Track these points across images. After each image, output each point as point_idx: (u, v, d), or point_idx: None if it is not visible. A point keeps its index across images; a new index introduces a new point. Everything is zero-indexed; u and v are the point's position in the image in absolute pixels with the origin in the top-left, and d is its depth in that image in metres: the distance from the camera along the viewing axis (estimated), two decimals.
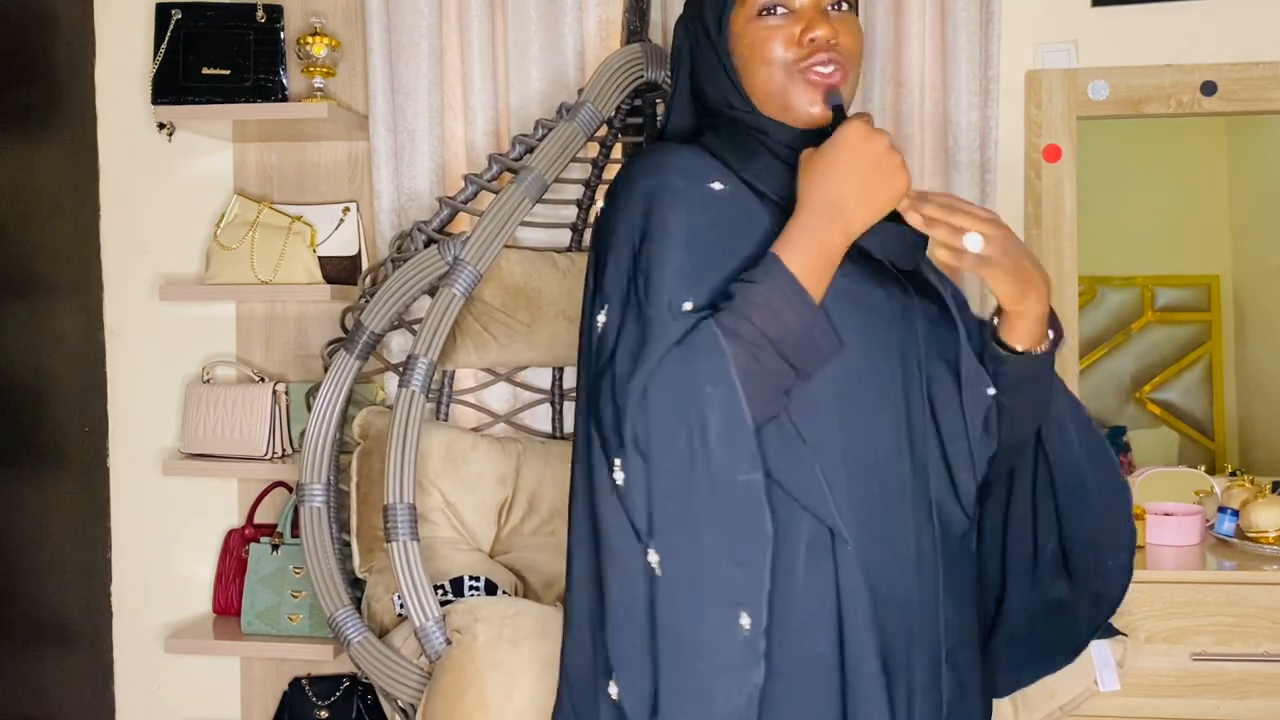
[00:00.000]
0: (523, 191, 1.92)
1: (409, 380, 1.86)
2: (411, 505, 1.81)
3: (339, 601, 1.92)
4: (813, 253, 1.27)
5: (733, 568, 1.21)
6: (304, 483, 1.96)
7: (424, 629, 1.76)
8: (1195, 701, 1.89)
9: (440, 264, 1.94)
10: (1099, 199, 2.35)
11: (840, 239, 1.28)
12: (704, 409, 1.20)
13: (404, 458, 1.82)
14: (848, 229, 1.28)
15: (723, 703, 1.20)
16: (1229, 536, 2.08)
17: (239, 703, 2.51)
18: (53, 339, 2.37)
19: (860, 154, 1.28)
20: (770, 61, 1.37)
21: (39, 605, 2.31)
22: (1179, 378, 2.54)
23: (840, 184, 1.28)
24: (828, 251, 1.27)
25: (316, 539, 1.96)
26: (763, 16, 1.38)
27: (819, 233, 1.27)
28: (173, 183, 2.50)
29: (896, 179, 1.29)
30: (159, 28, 2.32)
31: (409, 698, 1.82)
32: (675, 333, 1.23)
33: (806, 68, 1.36)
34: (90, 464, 2.48)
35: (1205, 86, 2.25)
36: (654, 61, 2.04)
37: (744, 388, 1.21)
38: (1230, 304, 2.51)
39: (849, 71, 1.39)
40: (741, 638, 1.20)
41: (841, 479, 1.30)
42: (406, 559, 1.79)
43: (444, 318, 1.89)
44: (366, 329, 1.97)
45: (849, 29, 1.39)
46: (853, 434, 1.32)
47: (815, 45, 1.36)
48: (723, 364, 1.21)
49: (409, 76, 2.29)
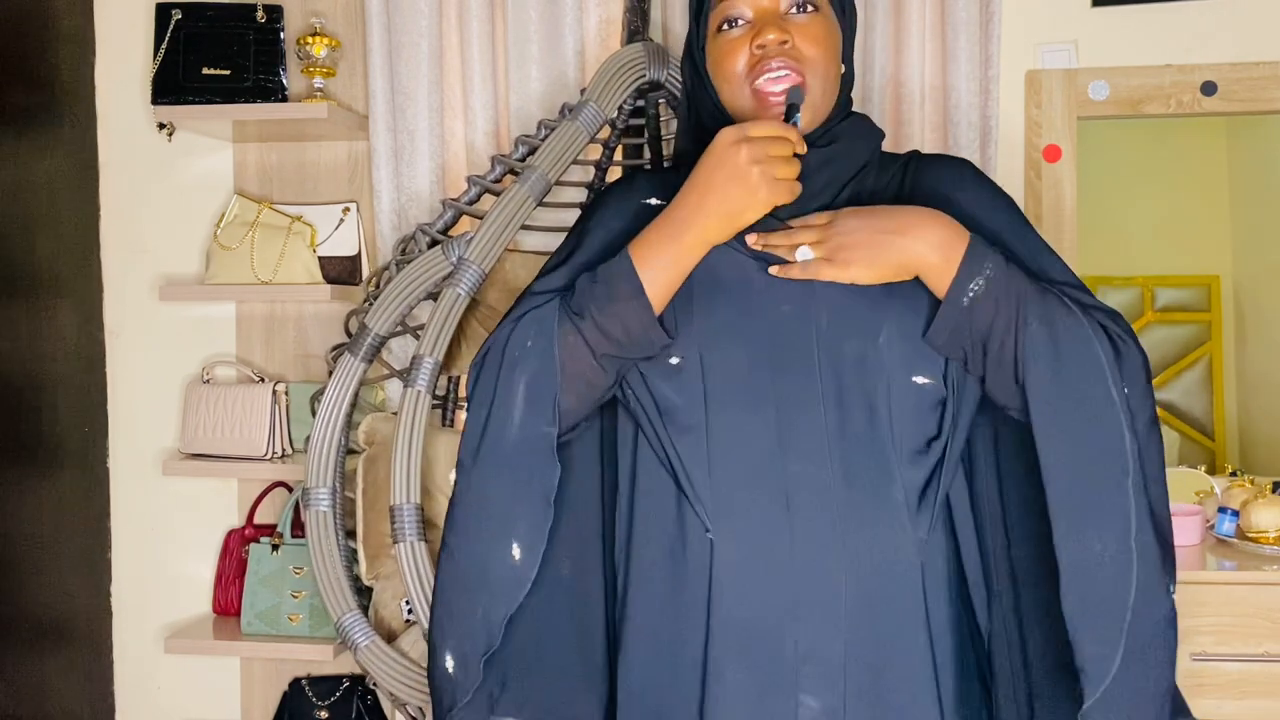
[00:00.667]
0: (526, 191, 1.92)
1: (414, 380, 1.86)
2: (418, 506, 1.81)
3: (346, 605, 1.91)
4: (661, 247, 1.32)
5: (514, 504, 1.35)
6: (309, 487, 1.96)
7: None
8: (1195, 701, 1.89)
9: (445, 264, 1.94)
10: (1099, 199, 2.35)
11: (691, 241, 1.32)
12: (521, 362, 1.34)
13: (410, 459, 1.82)
14: (702, 234, 1.31)
15: (481, 617, 1.35)
16: (1229, 537, 2.08)
17: (239, 703, 2.51)
18: (53, 339, 2.37)
19: (721, 164, 1.30)
20: (729, 77, 1.38)
21: (39, 605, 2.31)
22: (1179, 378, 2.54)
23: (700, 189, 1.31)
24: (677, 249, 1.32)
25: (322, 543, 1.95)
26: (722, 31, 1.38)
27: (671, 232, 1.32)
28: (173, 183, 2.50)
29: (754, 194, 1.29)
30: (159, 28, 2.32)
31: (418, 701, 1.81)
32: (532, 305, 1.37)
33: (756, 85, 1.36)
34: (90, 464, 2.48)
35: (1205, 86, 2.25)
36: (656, 61, 2.04)
37: (563, 353, 1.34)
38: (1230, 304, 2.51)
39: (810, 77, 1.35)
40: (510, 566, 1.34)
41: (706, 470, 1.33)
42: (414, 560, 1.79)
43: (449, 318, 1.89)
44: (371, 331, 1.97)
45: (810, 32, 1.36)
46: (720, 430, 1.33)
47: (765, 52, 1.34)
48: (548, 327, 1.34)
49: (409, 76, 2.29)
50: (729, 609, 1.32)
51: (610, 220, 1.44)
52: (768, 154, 1.28)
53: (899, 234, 1.31)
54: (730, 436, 1.33)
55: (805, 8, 1.37)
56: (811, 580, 1.31)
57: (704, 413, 1.34)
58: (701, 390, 1.34)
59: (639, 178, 1.49)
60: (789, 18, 1.36)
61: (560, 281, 1.40)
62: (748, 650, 1.31)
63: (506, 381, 1.35)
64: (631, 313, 1.32)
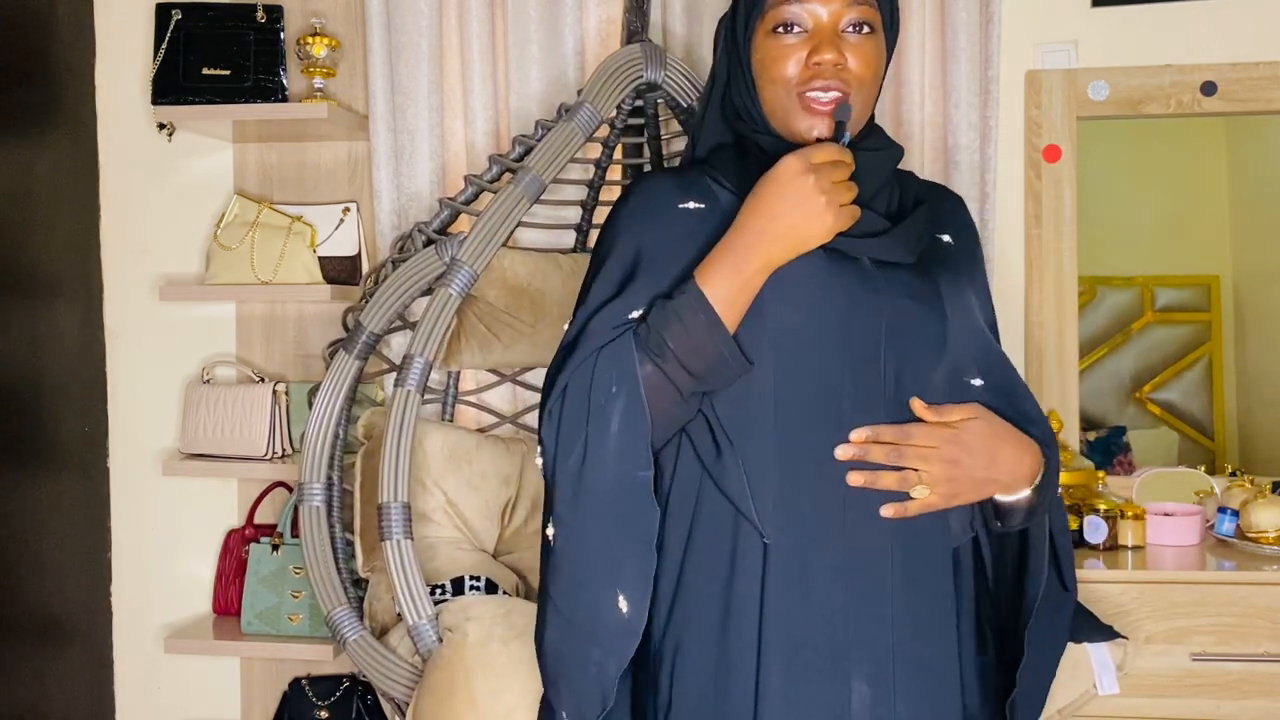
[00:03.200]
0: (520, 191, 1.93)
1: (404, 380, 1.87)
2: (406, 504, 1.82)
3: (337, 600, 1.93)
4: (728, 276, 1.31)
5: (619, 551, 1.32)
6: (303, 482, 1.97)
7: (417, 627, 1.77)
8: (1195, 701, 1.89)
9: (438, 264, 1.95)
10: (1099, 199, 2.35)
11: (758, 267, 1.31)
12: (608, 407, 1.31)
13: (399, 457, 1.83)
14: (767, 259, 1.31)
15: (595, 674, 1.32)
16: (1229, 536, 2.08)
17: (239, 703, 2.51)
18: (53, 339, 2.37)
19: (788, 190, 1.30)
20: (776, 81, 1.38)
21: (39, 605, 2.31)
22: (1179, 378, 2.54)
23: (765, 215, 1.31)
24: (743, 277, 1.31)
25: (315, 538, 1.97)
26: (778, 33, 1.38)
27: (738, 259, 1.32)
28: (173, 183, 2.50)
29: (814, 223, 1.30)
30: (159, 28, 2.32)
31: (403, 695, 1.82)
32: (602, 339, 1.34)
33: (804, 93, 1.36)
34: (90, 464, 2.48)
35: (1205, 86, 2.25)
36: (654, 62, 2.04)
37: (648, 393, 1.31)
38: (1230, 304, 2.51)
39: (854, 96, 1.36)
40: (618, 618, 1.31)
41: (773, 477, 1.33)
42: (400, 557, 1.80)
43: (440, 317, 1.90)
44: (366, 329, 1.98)
45: (864, 54, 1.37)
46: (787, 434, 1.33)
47: (819, 69, 1.35)
48: (630, 368, 1.31)
49: (409, 76, 2.29)
50: (782, 610, 1.33)
51: (647, 230, 1.41)
52: (832, 181, 1.30)
53: (996, 482, 1.38)
54: (798, 443, 1.34)
55: (861, 28, 1.37)
56: (863, 572, 1.34)
57: (773, 418, 1.34)
58: (772, 398, 1.34)
59: (658, 180, 1.46)
60: (845, 36, 1.37)
61: (624, 308, 1.36)
62: (800, 646, 1.33)
63: (598, 427, 1.31)
64: (713, 345, 1.30)
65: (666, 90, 2.05)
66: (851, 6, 1.36)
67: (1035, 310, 2.28)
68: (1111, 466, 2.42)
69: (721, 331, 1.30)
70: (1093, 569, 1.91)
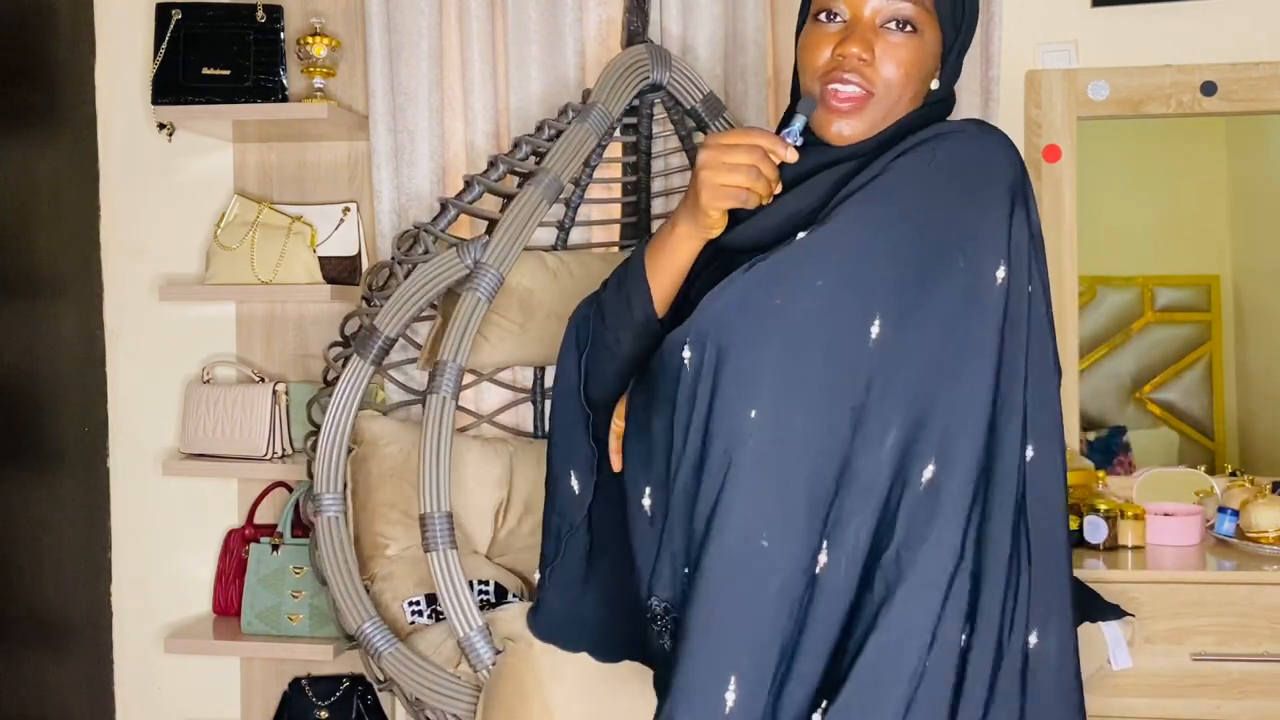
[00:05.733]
0: (541, 193, 1.91)
1: (438, 386, 1.81)
2: (448, 513, 1.77)
3: (365, 614, 1.86)
4: (661, 243, 1.46)
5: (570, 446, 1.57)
6: (318, 493, 1.92)
7: (468, 639, 1.71)
8: (1195, 701, 1.89)
9: (460, 267, 1.91)
10: (1099, 199, 2.35)
11: (676, 237, 1.43)
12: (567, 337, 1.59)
13: (438, 465, 1.78)
14: (679, 230, 1.42)
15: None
16: (1229, 536, 2.08)
17: (239, 703, 2.51)
18: (53, 339, 2.37)
19: (697, 166, 1.37)
20: (808, 67, 1.37)
21: (39, 605, 2.31)
22: (1179, 378, 2.53)
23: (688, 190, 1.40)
24: (670, 245, 1.44)
25: (336, 549, 1.90)
26: (820, 20, 1.36)
27: (668, 227, 1.45)
28: (173, 183, 2.50)
29: (696, 196, 1.36)
30: (159, 28, 2.32)
31: (451, 709, 1.77)
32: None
33: (828, 84, 1.34)
34: (90, 464, 2.48)
35: (1205, 86, 2.25)
36: (659, 63, 2.04)
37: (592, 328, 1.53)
38: (1230, 304, 2.50)
39: (879, 98, 1.33)
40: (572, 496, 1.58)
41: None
42: (447, 568, 1.75)
43: (470, 321, 1.86)
44: (381, 333, 1.93)
45: (899, 55, 1.33)
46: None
47: (842, 61, 1.33)
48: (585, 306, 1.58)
49: (409, 76, 2.29)
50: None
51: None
52: (722, 160, 1.32)
53: None
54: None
55: (905, 27, 1.33)
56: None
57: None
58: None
59: None
60: (884, 32, 1.33)
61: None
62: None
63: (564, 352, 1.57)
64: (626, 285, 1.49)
65: (670, 91, 2.05)
66: (893, 1, 1.32)
67: None
68: (1111, 466, 2.42)
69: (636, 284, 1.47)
70: (1093, 569, 1.91)
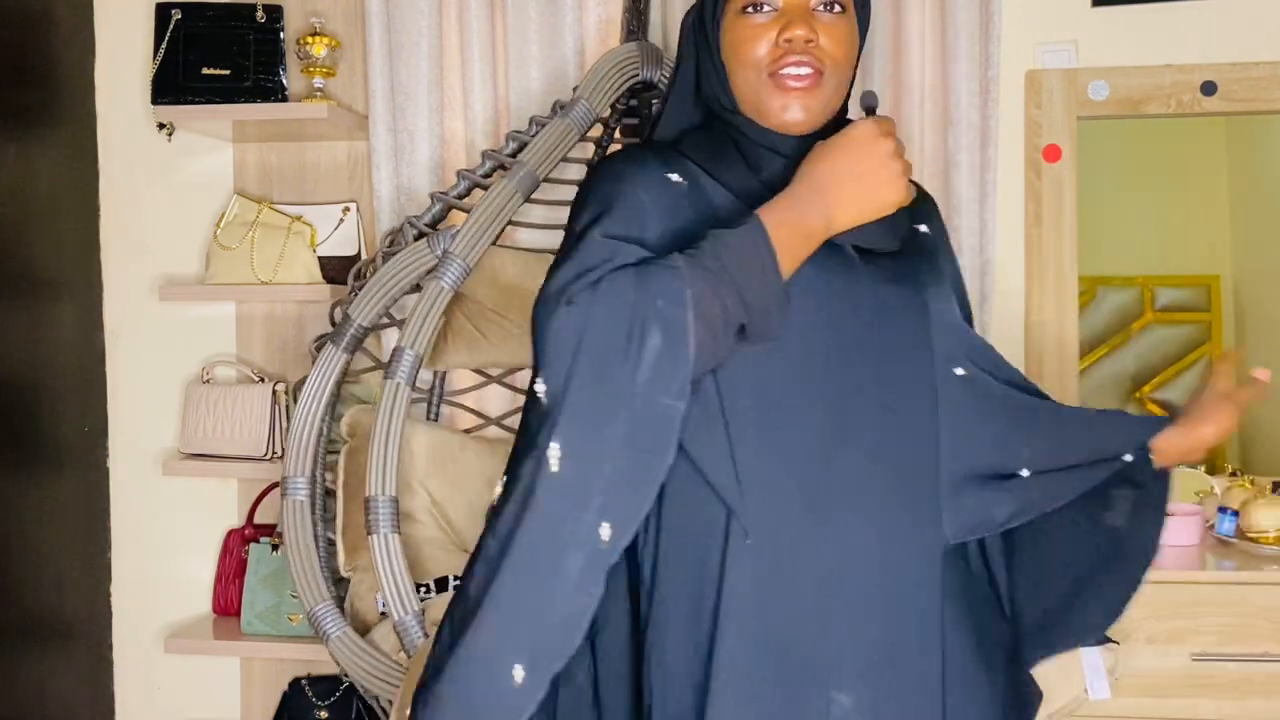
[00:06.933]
0: (514, 186, 1.92)
1: (394, 372, 1.85)
2: (394, 498, 1.80)
3: (319, 596, 1.91)
4: (791, 225, 1.24)
5: (619, 483, 1.17)
6: (287, 475, 1.95)
7: (403, 622, 1.75)
8: (1195, 702, 1.89)
9: (429, 257, 1.93)
10: (1099, 199, 2.35)
11: (820, 225, 1.25)
12: (648, 320, 1.16)
13: (387, 451, 1.81)
14: (830, 220, 1.25)
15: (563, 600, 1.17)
16: (1229, 536, 2.08)
17: (239, 703, 2.51)
18: (53, 339, 2.37)
19: (865, 154, 1.26)
20: (747, 62, 1.34)
21: (39, 605, 2.31)
22: (1179, 378, 2.54)
23: (837, 176, 1.26)
24: (804, 230, 1.24)
25: (298, 532, 1.95)
26: (746, 13, 1.35)
27: (802, 210, 1.25)
28: (173, 183, 2.50)
29: (890, 190, 1.27)
30: (159, 28, 2.32)
31: (386, 693, 1.81)
32: (630, 256, 1.21)
33: (777, 70, 1.33)
34: (90, 464, 2.48)
35: (1205, 86, 2.25)
36: (650, 61, 2.04)
37: (695, 318, 1.16)
38: (1230, 304, 2.51)
39: (829, 76, 1.34)
40: (597, 547, 1.16)
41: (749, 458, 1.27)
42: (387, 552, 1.79)
43: (431, 310, 1.88)
44: (354, 322, 1.96)
45: (836, 33, 1.34)
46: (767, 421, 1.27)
47: (790, 46, 1.32)
48: (679, 286, 1.17)
49: (409, 76, 2.29)
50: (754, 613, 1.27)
51: (635, 191, 1.30)
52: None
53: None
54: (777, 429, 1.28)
55: (833, 7, 1.35)
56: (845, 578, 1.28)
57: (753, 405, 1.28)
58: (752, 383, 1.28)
59: (638, 150, 1.40)
60: (817, 14, 1.34)
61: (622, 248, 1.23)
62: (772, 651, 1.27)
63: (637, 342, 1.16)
64: (770, 289, 1.21)
65: (662, 89, 2.05)
66: None
67: (1035, 310, 2.28)
68: None
69: (777, 276, 1.21)
70: None
